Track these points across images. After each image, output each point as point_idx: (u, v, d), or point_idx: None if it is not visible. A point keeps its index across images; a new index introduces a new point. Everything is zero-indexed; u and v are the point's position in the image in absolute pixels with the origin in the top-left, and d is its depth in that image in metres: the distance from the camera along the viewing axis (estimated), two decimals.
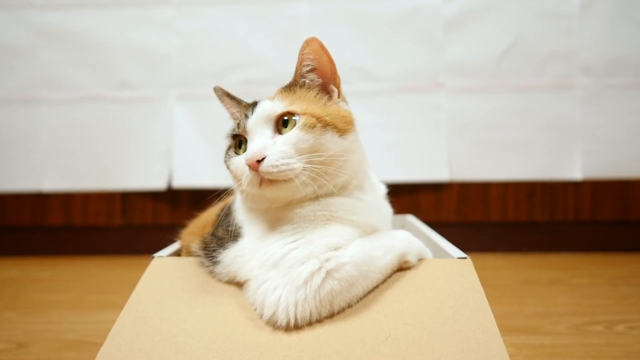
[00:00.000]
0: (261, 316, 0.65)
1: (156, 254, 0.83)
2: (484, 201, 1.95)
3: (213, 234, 0.78)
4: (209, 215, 0.90)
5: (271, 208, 0.73)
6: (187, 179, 1.95)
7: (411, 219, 1.32)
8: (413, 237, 0.78)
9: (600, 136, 1.88)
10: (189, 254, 0.84)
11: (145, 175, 1.97)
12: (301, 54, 0.74)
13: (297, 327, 0.63)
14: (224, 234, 0.76)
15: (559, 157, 1.91)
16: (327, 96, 0.77)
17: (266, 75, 1.94)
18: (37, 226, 2.03)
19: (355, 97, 1.91)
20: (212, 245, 0.76)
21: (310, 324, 0.63)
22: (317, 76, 0.76)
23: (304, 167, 0.68)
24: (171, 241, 0.98)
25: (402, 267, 0.74)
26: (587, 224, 1.93)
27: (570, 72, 1.89)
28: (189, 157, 1.95)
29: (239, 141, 0.74)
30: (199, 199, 0.87)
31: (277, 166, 0.66)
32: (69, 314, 1.26)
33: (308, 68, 0.75)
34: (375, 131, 1.92)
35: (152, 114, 1.97)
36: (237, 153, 0.74)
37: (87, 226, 2.02)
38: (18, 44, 1.97)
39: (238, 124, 0.74)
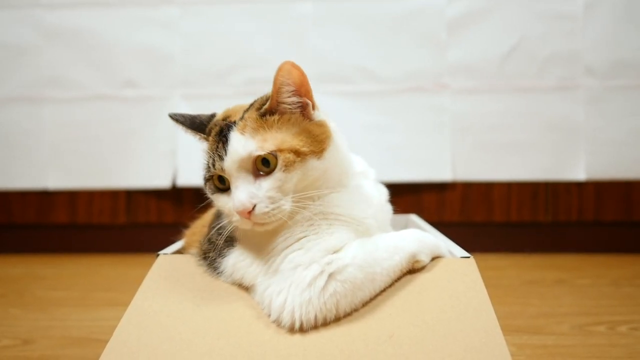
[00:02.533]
0: (268, 316, 0.66)
1: (161, 252, 0.83)
2: (487, 201, 1.95)
3: (209, 240, 0.78)
4: (208, 215, 0.91)
5: None
6: (191, 177, 1.95)
7: (414, 218, 1.32)
8: (425, 234, 0.75)
9: (604, 137, 1.88)
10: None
11: (149, 173, 1.98)
12: (277, 81, 0.70)
13: (302, 329, 0.63)
14: (218, 239, 0.75)
15: (562, 158, 1.91)
16: (301, 112, 0.73)
17: (269, 75, 1.94)
18: (41, 224, 2.04)
19: (359, 98, 1.94)
20: (210, 255, 0.75)
21: (315, 327, 0.63)
22: (296, 98, 0.72)
23: (292, 203, 0.68)
24: (175, 239, 0.99)
25: (414, 267, 0.72)
26: (591, 225, 1.93)
27: (573, 73, 1.89)
28: (193, 156, 1.94)
29: (218, 176, 0.71)
30: (203, 197, 0.88)
31: (267, 213, 0.66)
32: (74, 311, 1.27)
33: (288, 94, 0.71)
34: (378, 131, 1.93)
35: (156, 113, 1.98)
36: (219, 188, 0.71)
37: (92, 224, 2.03)
38: (23, 43, 1.99)
39: (213, 164, 0.70)
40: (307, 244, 0.66)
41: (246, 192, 0.66)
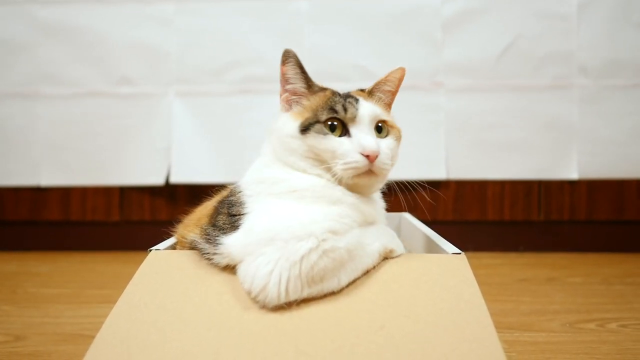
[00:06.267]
0: (250, 292, 0.65)
1: (153, 248, 0.83)
2: (480, 200, 1.96)
3: (214, 225, 0.78)
4: (205, 209, 0.90)
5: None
6: (185, 174, 1.95)
7: (407, 216, 1.33)
8: (393, 232, 0.84)
9: (597, 137, 1.89)
10: (183, 245, 0.84)
11: (143, 170, 1.98)
12: (391, 76, 0.89)
13: (288, 303, 0.64)
14: (225, 224, 0.75)
15: (555, 157, 1.92)
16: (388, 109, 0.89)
17: (265, 72, 1.95)
18: (35, 221, 2.03)
19: None
20: (214, 233, 0.75)
21: (299, 302, 0.64)
22: (388, 97, 0.90)
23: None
24: (169, 236, 0.98)
25: (389, 256, 0.77)
26: (583, 224, 1.95)
27: (568, 72, 1.90)
28: (187, 153, 1.96)
29: (331, 123, 0.77)
30: (197, 194, 0.89)
31: (386, 164, 0.77)
32: (67, 308, 1.27)
33: (387, 88, 0.89)
34: None
35: (151, 110, 1.98)
36: (327, 133, 0.77)
37: (85, 221, 2.03)
38: (18, 39, 1.98)
39: (344, 109, 0.77)
40: (313, 215, 0.68)
41: (373, 139, 0.76)
